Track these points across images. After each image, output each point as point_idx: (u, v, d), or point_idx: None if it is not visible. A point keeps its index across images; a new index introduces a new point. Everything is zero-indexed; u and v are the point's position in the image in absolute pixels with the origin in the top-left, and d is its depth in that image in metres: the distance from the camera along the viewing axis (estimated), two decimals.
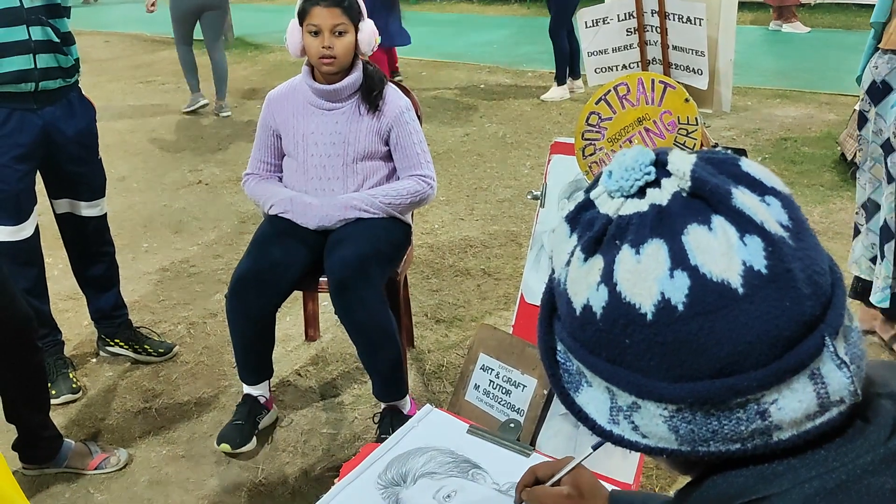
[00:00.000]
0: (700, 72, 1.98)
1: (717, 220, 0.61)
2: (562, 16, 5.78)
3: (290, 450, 2.34)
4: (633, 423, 0.66)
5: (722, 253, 0.60)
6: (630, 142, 1.93)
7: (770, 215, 0.62)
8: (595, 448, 1.18)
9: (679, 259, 0.60)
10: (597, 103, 1.94)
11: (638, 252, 0.62)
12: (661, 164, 0.65)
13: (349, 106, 2.30)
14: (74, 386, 2.58)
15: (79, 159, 2.50)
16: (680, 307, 0.60)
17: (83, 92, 2.53)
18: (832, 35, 8.06)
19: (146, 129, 5.75)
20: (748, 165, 0.65)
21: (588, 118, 1.97)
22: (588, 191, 0.70)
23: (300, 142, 2.31)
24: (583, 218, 0.68)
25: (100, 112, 2.63)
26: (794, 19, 8.21)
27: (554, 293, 0.71)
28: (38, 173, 2.49)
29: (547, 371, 0.72)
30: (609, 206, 0.66)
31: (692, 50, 1.97)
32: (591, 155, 1.98)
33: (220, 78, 6.01)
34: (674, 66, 2.05)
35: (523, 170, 4.60)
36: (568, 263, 0.67)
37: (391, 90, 2.35)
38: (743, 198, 0.62)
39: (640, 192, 0.64)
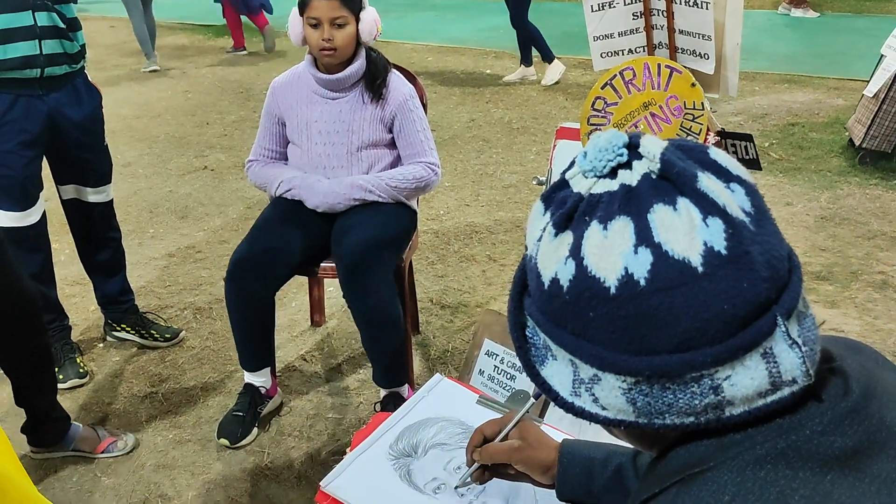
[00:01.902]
0: (707, 56, 1.97)
1: (682, 202, 0.64)
2: (520, 6, 5.90)
3: (296, 434, 2.35)
4: (593, 395, 0.69)
5: (685, 232, 0.63)
6: (636, 127, 1.93)
7: (733, 200, 0.64)
8: (536, 398, 1.20)
9: (644, 236, 0.63)
10: (602, 88, 1.93)
11: (605, 228, 0.65)
12: (633, 147, 0.68)
13: (353, 94, 2.29)
14: (81, 370, 2.60)
15: (85, 145, 2.50)
16: (642, 282, 0.63)
17: (89, 78, 2.53)
18: (842, 19, 7.99)
19: (151, 114, 5.76)
20: (716, 154, 0.69)
21: (594, 103, 1.96)
22: (564, 172, 0.73)
23: (304, 130, 2.31)
24: (556, 196, 0.71)
25: (105, 98, 2.63)
26: (804, 3, 8.14)
27: (525, 270, 0.75)
28: (44, 159, 2.49)
29: (515, 345, 0.76)
30: (582, 185, 0.69)
31: (699, 34, 1.96)
32: None
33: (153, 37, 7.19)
34: (680, 51, 2.03)
35: (529, 155, 4.59)
36: (539, 239, 0.70)
37: (395, 77, 2.34)
38: (708, 182, 0.64)
39: (612, 173, 0.67)
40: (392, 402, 2.28)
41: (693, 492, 0.66)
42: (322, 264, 2.33)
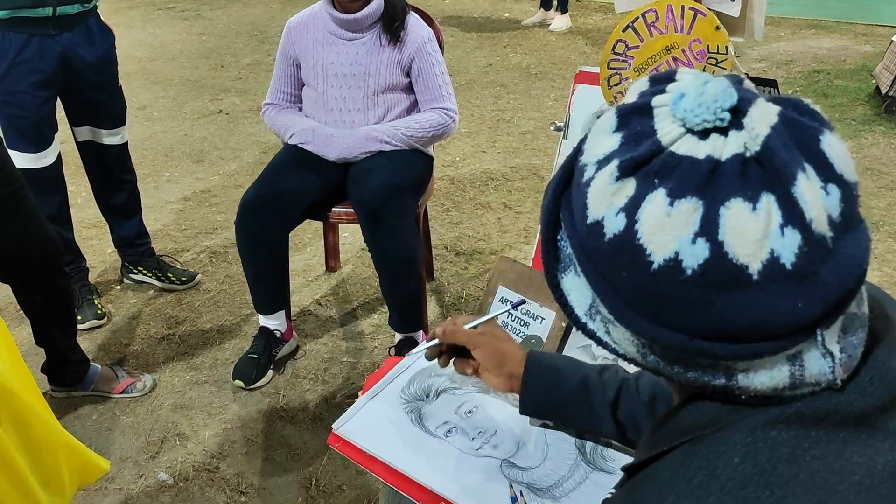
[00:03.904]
0: None
1: (766, 200, 0.57)
2: None
3: (311, 377, 2.38)
4: (607, 329, 0.67)
5: (755, 239, 0.56)
6: (657, 71, 1.88)
7: (822, 210, 0.57)
8: (515, 307, 1.24)
9: (708, 228, 0.57)
10: (624, 31, 1.88)
11: (672, 204, 0.58)
12: (739, 112, 0.59)
13: (370, 36, 2.25)
14: (99, 312, 2.63)
15: (98, 86, 2.48)
16: (689, 272, 0.58)
17: (102, 18, 2.50)
18: None
19: (166, 57, 5.70)
20: (828, 143, 0.60)
21: (614, 46, 1.91)
22: (655, 83, 0.65)
23: (320, 72, 2.27)
24: (635, 124, 0.63)
25: (119, 40, 2.60)
26: None
27: (574, 172, 0.67)
28: (58, 101, 2.48)
29: (542, 241, 0.70)
30: (666, 128, 0.60)
31: None
32: (616, 85, 1.93)
33: None
34: None
35: (547, 101, 4.53)
36: (600, 165, 0.63)
37: (413, 20, 2.29)
38: (805, 186, 0.57)
39: (704, 133, 0.59)
40: (406, 347, 2.30)
41: (702, 452, 0.63)
42: (335, 209, 2.32)
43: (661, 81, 0.64)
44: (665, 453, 0.67)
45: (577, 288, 0.68)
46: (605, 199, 0.61)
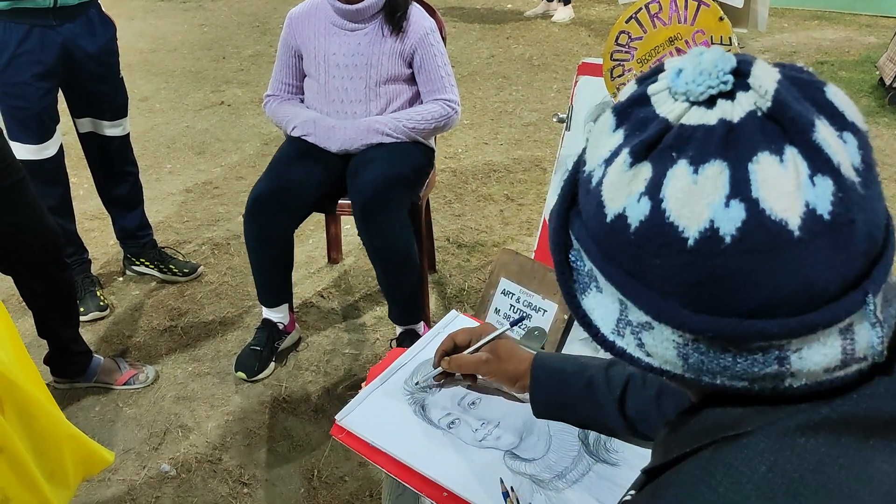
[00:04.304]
0: None
1: (790, 152, 0.55)
2: None
3: (313, 369, 2.38)
4: (640, 340, 0.63)
5: (788, 191, 0.54)
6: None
7: (846, 156, 0.56)
8: (512, 325, 1.23)
9: (740, 188, 0.54)
10: (627, 22, 1.87)
11: (696, 172, 0.55)
12: (741, 75, 0.58)
13: (372, 27, 2.24)
14: (102, 304, 2.63)
15: (100, 77, 2.48)
16: (727, 239, 0.55)
17: (103, 9, 2.49)
18: None
19: (167, 48, 5.69)
20: (833, 93, 0.59)
21: (617, 38, 1.90)
22: (643, 81, 0.63)
23: (321, 63, 2.26)
24: (634, 114, 0.61)
25: (121, 31, 2.59)
26: None
27: (578, 186, 0.65)
28: (59, 92, 2.47)
29: (556, 266, 0.68)
30: (669, 108, 0.58)
31: None
32: (619, 76, 1.92)
33: None
34: None
35: (550, 93, 4.51)
36: (608, 162, 0.60)
37: (416, 10, 2.28)
38: (825, 132, 0.55)
39: (710, 101, 0.57)
40: (408, 339, 2.30)
41: (726, 459, 0.60)
42: (340, 201, 2.32)
43: (649, 76, 0.63)
44: (687, 455, 0.64)
45: (600, 305, 0.65)
46: (622, 190, 0.59)
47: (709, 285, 0.57)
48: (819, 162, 0.55)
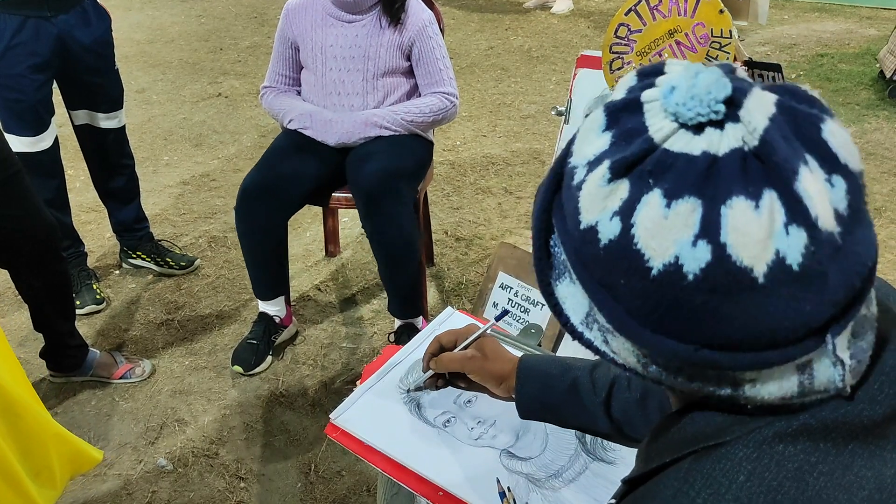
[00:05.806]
0: None
1: (769, 197, 0.53)
2: None
3: (310, 363, 2.37)
4: (605, 338, 0.63)
5: (758, 239, 0.53)
6: (660, 55, 1.86)
7: (828, 204, 0.54)
8: (497, 319, 1.23)
9: (709, 230, 0.54)
10: (626, 14, 1.86)
11: (669, 206, 0.54)
12: (734, 104, 0.55)
13: (370, 18, 2.22)
14: (98, 297, 2.62)
15: (95, 69, 2.46)
16: (690, 277, 0.54)
17: (98, 0, 2.47)
18: None
19: (164, 39, 5.66)
20: (830, 132, 0.56)
21: (617, 30, 1.89)
22: (643, 78, 0.61)
23: (318, 55, 2.25)
24: (625, 122, 0.59)
25: (117, 22, 2.57)
26: None
27: (564, 174, 0.64)
28: (55, 84, 2.46)
29: (535, 248, 0.67)
30: (658, 125, 0.57)
31: None
32: (618, 69, 1.90)
33: None
34: None
35: (549, 85, 4.49)
36: (590, 168, 0.59)
37: (414, 2, 2.26)
38: (808, 181, 0.53)
39: (698, 127, 0.56)
40: (406, 333, 2.29)
41: (706, 469, 0.60)
42: (335, 194, 2.30)
43: (649, 75, 0.61)
44: (667, 465, 0.64)
45: (572, 296, 0.64)
46: (597, 203, 0.58)
47: (668, 314, 0.57)
48: (796, 213, 0.53)
